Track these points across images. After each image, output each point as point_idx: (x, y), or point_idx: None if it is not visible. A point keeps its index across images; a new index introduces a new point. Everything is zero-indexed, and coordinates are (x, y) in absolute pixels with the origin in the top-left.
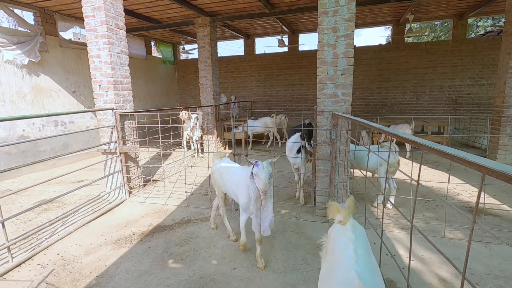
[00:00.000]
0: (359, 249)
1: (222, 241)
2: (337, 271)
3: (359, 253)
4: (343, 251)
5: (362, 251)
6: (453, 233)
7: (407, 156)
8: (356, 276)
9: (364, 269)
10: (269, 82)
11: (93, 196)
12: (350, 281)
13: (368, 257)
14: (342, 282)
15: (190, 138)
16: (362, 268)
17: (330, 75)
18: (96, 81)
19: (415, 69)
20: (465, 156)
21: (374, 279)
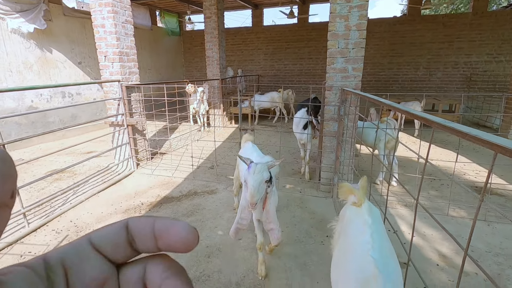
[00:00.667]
0: (375, 233)
1: (228, 213)
2: (352, 257)
3: (375, 238)
4: (358, 236)
5: (379, 236)
6: (456, 212)
7: (415, 134)
8: (372, 262)
9: (381, 254)
10: (277, 55)
11: (102, 167)
12: (366, 267)
13: (385, 242)
14: (357, 268)
15: (196, 112)
16: (379, 253)
17: (340, 48)
18: (101, 52)
19: (430, 43)
20: (478, 134)
21: (390, 265)
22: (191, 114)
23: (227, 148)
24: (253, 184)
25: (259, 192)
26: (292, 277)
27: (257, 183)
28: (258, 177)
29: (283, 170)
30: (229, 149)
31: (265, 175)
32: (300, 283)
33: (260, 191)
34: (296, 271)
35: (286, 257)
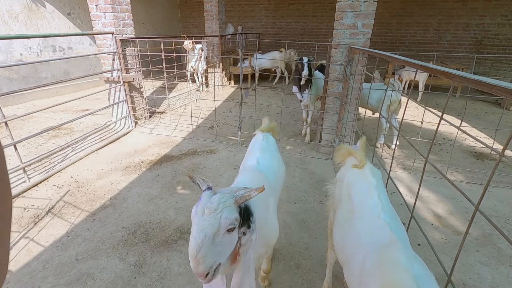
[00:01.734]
0: (382, 195)
1: (228, 172)
2: (360, 219)
3: (383, 200)
4: (365, 198)
5: (386, 198)
6: (454, 175)
7: (418, 99)
8: (387, 225)
9: (391, 217)
10: (280, 12)
11: (99, 125)
12: (380, 230)
13: (389, 202)
14: (370, 232)
15: (195, 70)
16: (390, 216)
17: (351, 1)
18: (92, 1)
19: (443, 2)
20: (508, 86)
21: (400, 227)
22: (189, 72)
23: (226, 108)
24: (198, 237)
25: (210, 254)
26: (291, 233)
27: (206, 237)
28: (210, 224)
29: (284, 131)
30: (229, 109)
31: (227, 220)
32: (298, 238)
33: (215, 252)
34: (295, 227)
35: (286, 214)
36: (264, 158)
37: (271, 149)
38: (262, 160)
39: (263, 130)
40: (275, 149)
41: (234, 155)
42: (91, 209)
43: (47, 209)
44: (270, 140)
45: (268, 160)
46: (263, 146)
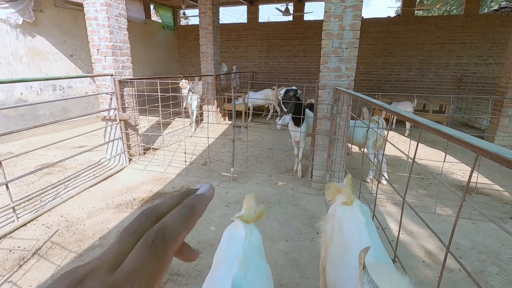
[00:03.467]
0: (372, 232)
1: (220, 209)
2: (351, 256)
3: (373, 237)
4: (355, 235)
5: (375, 235)
6: (443, 210)
7: (406, 134)
8: (375, 262)
9: (380, 253)
10: (272, 52)
11: (93, 162)
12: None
13: (379, 239)
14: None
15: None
16: (379, 252)
17: (334, 48)
18: (94, 45)
19: (422, 44)
20: (462, 137)
21: (390, 264)
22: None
23: (220, 144)
24: None
25: None
26: (282, 273)
27: None
28: None
29: (276, 167)
30: (222, 146)
31: None
32: (290, 279)
33: None
34: (286, 267)
35: (277, 253)
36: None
37: (256, 258)
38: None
39: (248, 219)
40: (261, 256)
41: (226, 191)
42: (79, 250)
43: (34, 250)
44: (255, 239)
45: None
46: (244, 253)
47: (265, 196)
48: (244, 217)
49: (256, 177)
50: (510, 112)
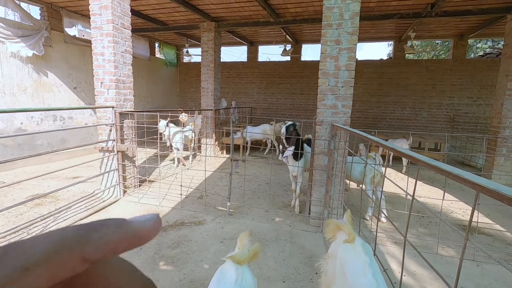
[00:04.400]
0: (377, 274)
1: (215, 246)
2: None
3: (378, 279)
4: (359, 277)
5: (380, 276)
6: (445, 250)
7: (403, 170)
8: None
9: None
10: (270, 89)
11: (87, 193)
12: None
13: (384, 281)
14: None
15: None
16: None
17: (331, 86)
18: (98, 79)
19: (414, 85)
20: (460, 173)
21: None
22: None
23: (217, 178)
24: None
25: None
26: None
27: None
28: None
29: (273, 202)
30: (219, 179)
31: None
32: None
33: None
34: None
35: None
36: None
37: None
38: None
39: (240, 260)
40: None
41: (222, 227)
42: None
43: None
44: (248, 283)
45: None
46: None
47: (262, 232)
48: (236, 257)
49: (253, 212)
50: (504, 151)
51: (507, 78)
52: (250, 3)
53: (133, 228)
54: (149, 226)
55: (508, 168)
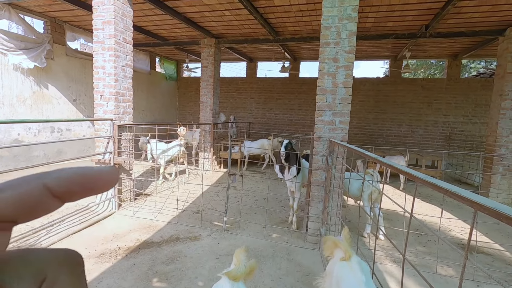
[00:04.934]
0: None
1: (210, 262)
2: None
3: None
4: None
5: None
6: (445, 270)
7: (401, 188)
8: None
9: None
10: (269, 105)
11: (81, 206)
12: None
13: None
14: None
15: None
16: None
17: (328, 102)
18: (98, 91)
19: (411, 103)
20: (458, 191)
21: None
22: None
23: (214, 192)
24: None
25: None
26: None
27: None
28: None
29: (270, 218)
30: (216, 194)
31: None
32: None
33: None
34: None
35: None
36: None
37: None
38: None
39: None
40: None
41: (217, 242)
42: None
43: None
44: None
45: None
46: None
47: (258, 248)
48: (232, 273)
49: (250, 228)
50: (500, 170)
51: (501, 98)
52: (250, 21)
53: (90, 172)
54: (104, 174)
55: (504, 187)
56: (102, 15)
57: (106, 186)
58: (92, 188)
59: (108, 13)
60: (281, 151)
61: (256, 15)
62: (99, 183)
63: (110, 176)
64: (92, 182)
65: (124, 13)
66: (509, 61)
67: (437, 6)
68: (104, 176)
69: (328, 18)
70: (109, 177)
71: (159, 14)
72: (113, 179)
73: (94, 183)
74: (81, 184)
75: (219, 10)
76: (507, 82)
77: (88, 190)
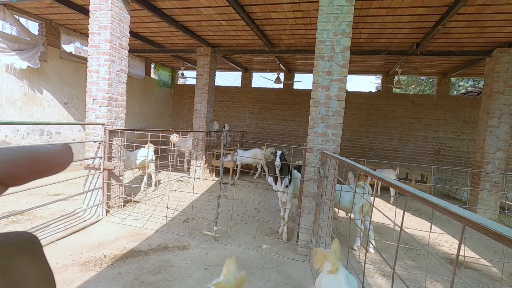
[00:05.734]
0: None
1: (199, 272)
2: None
3: None
4: None
5: None
6: (433, 285)
7: (391, 201)
8: None
9: None
10: (262, 115)
11: (67, 211)
12: None
13: None
14: None
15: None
16: None
17: (322, 114)
18: (90, 95)
19: (401, 118)
20: (447, 206)
21: None
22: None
23: (205, 201)
24: None
25: None
26: None
27: None
28: None
29: (261, 228)
30: (207, 202)
31: None
32: None
33: None
34: None
35: None
36: None
37: None
38: None
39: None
40: None
41: (207, 252)
42: None
43: None
44: None
45: None
46: None
47: (248, 259)
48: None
49: (240, 238)
50: (487, 186)
51: (488, 116)
52: (247, 32)
53: (37, 152)
54: (55, 153)
55: (491, 203)
56: (99, 20)
57: (57, 168)
58: (40, 170)
59: (105, 18)
60: (276, 162)
61: (252, 26)
62: (48, 165)
63: (61, 155)
64: (40, 164)
65: (121, 18)
66: (496, 80)
67: (428, 26)
68: (54, 156)
69: (323, 32)
70: (60, 156)
71: (156, 22)
72: (65, 158)
73: (42, 165)
74: (26, 167)
75: (216, 20)
76: (494, 101)
77: (36, 173)
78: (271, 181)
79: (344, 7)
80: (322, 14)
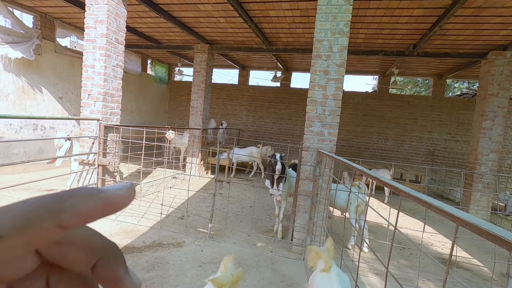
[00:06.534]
0: None
1: (193, 269)
2: None
3: None
4: None
5: None
6: (426, 284)
7: (385, 201)
8: None
9: None
10: (259, 113)
11: None
12: None
13: None
14: None
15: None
16: None
17: (318, 113)
18: (86, 90)
19: (397, 118)
20: (441, 206)
21: None
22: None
23: (200, 198)
24: None
25: None
26: None
27: None
28: None
29: (256, 226)
30: (202, 200)
31: None
32: None
33: None
34: None
35: None
36: None
37: None
38: None
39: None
40: None
41: (201, 250)
42: None
43: None
44: None
45: None
46: None
47: (242, 257)
48: (219, 280)
49: (235, 236)
50: (480, 187)
51: (482, 118)
52: (245, 30)
53: (106, 196)
54: (122, 194)
55: (484, 204)
56: (95, 14)
57: (121, 207)
58: (103, 215)
59: (101, 12)
60: (277, 166)
61: (250, 24)
62: (112, 210)
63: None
64: (106, 211)
65: (117, 13)
66: (490, 83)
67: (425, 27)
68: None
69: (321, 31)
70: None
71: (154, 17)
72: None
73: (107, 211)
74: (95, 216)
75: (214, 16)
76: (488, 103)
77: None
78: (268, 184)
79: (343, 6)
80: (320, 13)
